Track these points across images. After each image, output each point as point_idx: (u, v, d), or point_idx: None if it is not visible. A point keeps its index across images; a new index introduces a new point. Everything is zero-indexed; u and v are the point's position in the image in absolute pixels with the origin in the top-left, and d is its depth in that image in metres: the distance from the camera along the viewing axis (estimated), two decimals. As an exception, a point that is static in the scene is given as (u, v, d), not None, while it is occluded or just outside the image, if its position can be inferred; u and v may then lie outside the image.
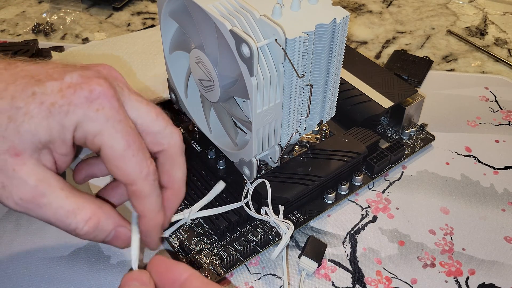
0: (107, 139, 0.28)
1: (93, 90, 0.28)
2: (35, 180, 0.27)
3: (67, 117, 0.27)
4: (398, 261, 0.40)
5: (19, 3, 0.70)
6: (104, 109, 0.28)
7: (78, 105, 0.27)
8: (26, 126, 0.27)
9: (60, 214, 0.28)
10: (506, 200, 0.44)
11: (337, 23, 0.35)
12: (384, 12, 0.69)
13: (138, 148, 0.29)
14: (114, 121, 0.28)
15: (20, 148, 0.27)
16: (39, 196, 0.27)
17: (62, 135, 0.28)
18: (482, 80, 0.57)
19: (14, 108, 0.26)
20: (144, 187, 0.30)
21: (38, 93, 0.27)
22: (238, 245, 0.39)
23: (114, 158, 0.29)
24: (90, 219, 0.29)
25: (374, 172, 0.45)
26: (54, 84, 0.27)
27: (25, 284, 0.38)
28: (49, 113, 0.27)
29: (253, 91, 0.34)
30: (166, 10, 0.39)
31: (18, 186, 0.27)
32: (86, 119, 0.27)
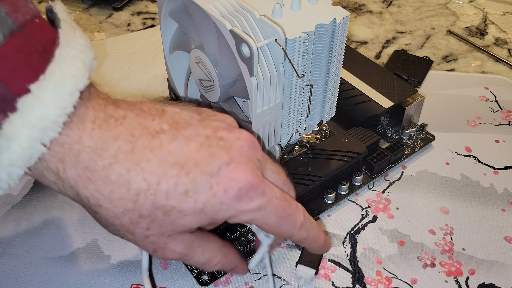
0: (260, 221, 0.30)
1: (241, 188, 0.28)
2: (182, 249, 0.31)
3: (219, 214, 0.29)
4: (398, 261, 0.40)
5: (19, 3, 0.70)
6: (253, 201, 0.29)
7: (229, 204, 0.29)
8: (180, 221, 0.29)
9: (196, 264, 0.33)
10: (506, 200, 0.44)
11: (337, 23, 0.35)
12: (384, 12, 0.69)
13: (288, 214, 0.31)
14: (263, 206, 0.30)
15: (173, 233, 0.30)
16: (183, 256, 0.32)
17: (213, 222, 0.30)
18: (482, 80, 0.57)
19: (169, 207, 0.28)
20: (301, 235, 0.33)
21: (191, 192, 0.28)
22: (238, 245, 0.39)
23: (270, 230, 0.32)
24: (216, 265, 0.34)
25: (374, 172, 0.45)
26: (205, 180, 0.28)
27: (25, 284, 0.38)
28: (202, 212, 0.28)
29: (253, 91, 0.34)
30: (166, 10, 0.40)
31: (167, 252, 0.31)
32: (239, 213, 0.29)
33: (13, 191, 0.44)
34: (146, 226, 0.29)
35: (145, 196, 0.27)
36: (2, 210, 0.42)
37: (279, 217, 0.31)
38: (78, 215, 0.42)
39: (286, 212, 0.31)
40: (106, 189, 0.27)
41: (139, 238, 0.30)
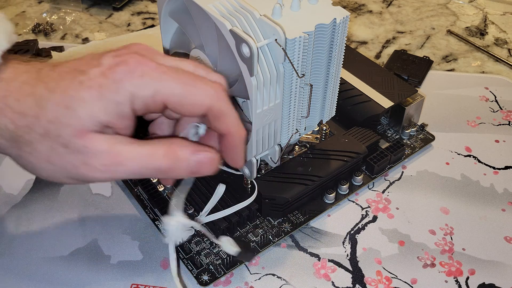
0: (164, 91, 0.30)
1: (129, 63, 0.30)
2: (107, 145, 0.30)
3: (118, 93, 0.29)
4: (398, 261, 0.40)
5: (19, 3, 0.70)
6: (146, 73, 0.30)
7: (123, 80, 0.29)
8: (83, 110, 0.29)
9: (140, 161, 0.30)
10: (506, 200, 0.44)
11: (337, 23, 0.35)
12: (384, 12, 0.69)
13: (194, 80, 0.31)
14: (160, 76, 0.30)
15: (84, 129, 0.29)
16: (117, 156, 0.30)
17: (120, 112, 0.30)
18: (482, 80, 0.57)
19: (68, 98, 0.29)
20: (220, 106, 0.32)
21: (84, 81, 0.29)
22: (238, 245, 0.39)
23: (182, 100, 0.31)
24: (166, 153, 0.31)
25: (374, 172, 0.45)
26: (95, 70, 0.30)
27: (25, 284, 0.38)
28: (100, 95, 0.29)
29: (253, 91, 0.34)
30: (166, 10, 0.40)
31: (96, 156, 0.29)
32: (137, 88, 0.30)
33: (13, 191, 0.44)
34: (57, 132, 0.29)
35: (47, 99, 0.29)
36: (2, 210, 0.42)
37: (183, 83, 0.31)
38: (78, 215, 0.42)
39: (190, 78, 0.31)
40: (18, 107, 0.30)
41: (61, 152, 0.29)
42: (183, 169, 0.32)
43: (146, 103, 0.30)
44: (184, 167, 0.31)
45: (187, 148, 0.32)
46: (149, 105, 0.30)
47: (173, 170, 0.31)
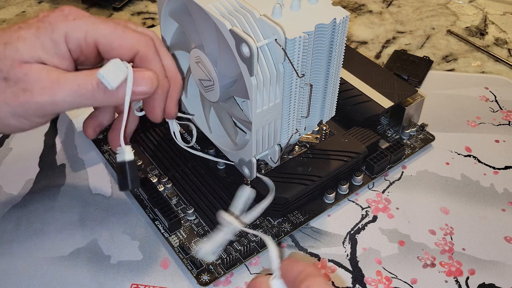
0: (95, 32, 0.33)
1: (63, 9, 0.33)
2: (46, 71, 0.31)
3: (54, 32, 0.32)
4: (398, 261, 0.40)
5: (19, 3, 0.70)
6: (79, 17, 0.33)
7: (58, 21, 0.32)
8: (22, 45, 0.31)
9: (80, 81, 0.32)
10: (506, 200, 0.44)
11: (337, 23, 0.35)
12: (384, 12, 0.69)
13: (124, 27, 0.33)
14: (91, 20, 0.33)
15: (23, 59, 0.31)
16: (57, 80, 0.31)
17: (57, 49, 0.32)
18: (482, 80, 0.57)
19: (7, 36, 0.31)
20: (147, 51, 0.34)
21: (23, 26, 0.32)
22: (238, 245, 0.39)
23: (111, 41, 0.33)
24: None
25: (374, 172, 0.45)
26: (33, 19, 0.33)
27: (25, 284, 0.38)
28: (37, 32, 0.31)
29: (253, 91, 0.34)
30: (166, 10, 0.40)
31: (36, 81, 0.31)
32: (70, 29, 0.32)
33: (13, 191, 0.44)
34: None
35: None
36: (2, 210, 0.42)
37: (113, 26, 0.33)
38: (78, 215, 0.42)
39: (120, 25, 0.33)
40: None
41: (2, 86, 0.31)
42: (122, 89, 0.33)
43: (79, 44, 0.32)
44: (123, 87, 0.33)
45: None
46: (82, 46, 0.33)
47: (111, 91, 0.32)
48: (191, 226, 0.41)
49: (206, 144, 0.45)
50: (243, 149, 0.39)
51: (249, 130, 0.37)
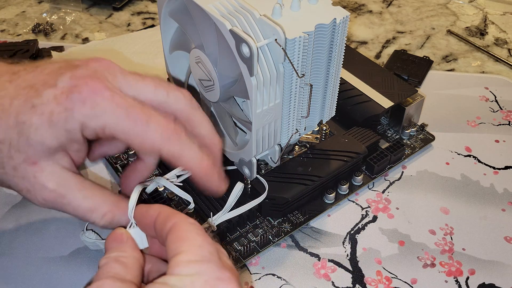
0: (114, 127, 0.30)
1: (82, 91, 0.29)
2: (54, 185, 0.30)
3: (68, 122, 0.29)
4: (398, 261, 0.40)
5: (19, 3, 0.70)
6: (98, 105, 0.29)
7: (74, 109, 0.29)
8: (34, 137, 0.29)
9: (79, 211, 0.31)
10: (506, 200, 0.44)
11: (337, 23, 0.35)
12: (384, 12, 0.69)
13: (146, 120, 0.30)
14: (111, 110, 0.29)
15: (35, 157, 0.29)
16: (60, 198, 0.30)
17: (70, 138, 0.30)
18: (482, 80, 0.57)
19: (20, 123, 0.29)
20: (173, 147, 0.31)
21: (37, 105, 0.29)
22: (238, 245, 0.39)
23: (130, 138, 0.30)
24: (105, 215, 0.32)
25: (374, 172, 0.45)
26: (49, 92, 0.29)
27: (25, 284, 0.38)
28: (50, 122, 0.29)
29: (253, 91, 0.34)
30: (166, 10, 0.40)
31: (40, 190, 0.30)
32: (87, 119, 0.29)
33: (13, 191, 0.44)
34: (8, 153, 0.29)
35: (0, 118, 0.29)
36: (2, 210, 0.42)
37: (134, 122, 0.29)
38: (78, 215, 0.42)
39: (142, 117, 0.30)
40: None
41: (9, 172, 0.30)
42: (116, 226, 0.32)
43: (96, 133, 0.30)
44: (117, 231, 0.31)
45: (125, 218, 0.32)
46: (100, 135, 0.30)
47: (106, 227, 0.32)
48: (191, 226, 0.41)
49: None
50: (243, 149, 0.39)
51: (249, 130, 0.37)
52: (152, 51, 0.54)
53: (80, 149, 0.31)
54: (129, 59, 0.52)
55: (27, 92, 0.29)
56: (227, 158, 0.42)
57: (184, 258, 0.26)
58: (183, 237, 0.27)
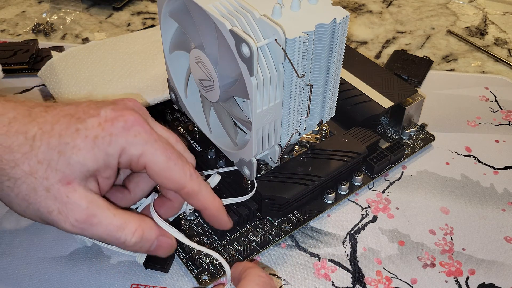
0: (150, 158, 0.32)
1: (127, 120, 0.32)
2: (86, 203, 0.31)
3: (110, 146, 0.31)
4: (398, 261, 0.40)
5: (19, 3, 0.70)
6: (140, 134, 0.32)
7: (118, 135, 0.31)
8: (75, 158, 0.30)
9: (110, 230, 0.31)
10: (506, 200, 0.44)
11: (337, 23, 0.35)
12: (384, 12, 0.69)
13: (176, 158, 0.33)
14: (151, 141, 0.32)
15: (71, 177, 0.30)
16: (91, 216, 0.31)
17: (107, 162, 0.31)
18: (482, 80, 0.57)
19: (63, 144, 0.30)
20: (193, 186, 0.34)
21: (81, 129, 0.31)
22: (238, 245, 0.39)
23: (161, 171, 0.32)
24: (136, 231, 0.32)
25: (374, 172, 0.45)
26: (93, 119, 0.31)
27: (25, 284, 0.38)
28: (94, 144, 0.31)
29: (253, 91, 0.34)
30: (166, 10, 0.40)
31: (72, 210, 0.30)
32: (128, 145, 0.31)
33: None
34: (44, 174, 0.30)
35: (40, 140, 0.30)
36: (2, 210, 0.42)
37: (168, 157, 0.32)
38: (78, 215, 0.42)
39: (174, 155, 0.33)
40: (5, 141, 0.30)
41: (41, 194, 0.30)
42: (145, 248, 0.33)
43: (131, 161, 0.32)
44: (146, 246, 0.33)
45: (153, 231, 0.33)
46: (132, 163, 0.32)
47: (135, 246, 0.33)
48: (191, 226, 0.41)
49: (206, 144, 0.45)
50: (243, 149, 0.39)
51: (249, 130, 0.37)
52: (152, 51, 0.54)
53: (110, 176, 0.33)
54: (129, 59, 0.52)
55: (68, 120, 0.31)
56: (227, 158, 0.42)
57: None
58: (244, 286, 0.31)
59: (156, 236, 0.33)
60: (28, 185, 0.30)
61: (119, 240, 0.32)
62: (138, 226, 0.32)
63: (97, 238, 0.32)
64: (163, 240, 0.34)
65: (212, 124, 0.43)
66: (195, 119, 0.44)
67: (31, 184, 0.30)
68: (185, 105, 0.44)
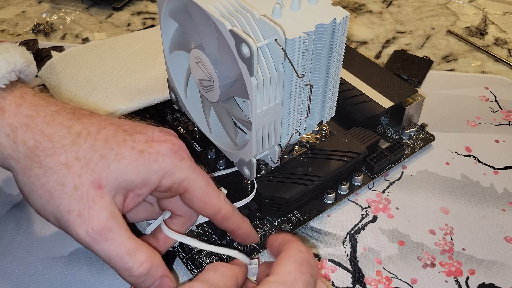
0: (193, 183, 0.33)
1: (175, 144, 0.32)
2: (108, 214, 0.30)
3: (156, 163, 0.31)
4: (398, 261, 0.40)
5: (19, 3, 0.70)
6: (185, 159, 0.33)
7: (166, 155, 0.31)
8: (116, 164, 0.30)
9: (121, 250, 0.30)
10: (506, 200, 0.44)
11: (337, 23, 0.35)
12: (384, 12, 0.69)
13: (213, 184, 0.34)
14: (194, 167, 0.33)
15: (104, 182, 0.30)
16: (108, 230, 0.30)
17: (148, 179, 0.31)
18: (482, 80, 0.57)
19: (108, 149, 0.30)
20: (228, 209, 0.35)
21: (129, 141, 0.31)
22: (238, 245, 0.39)
23: (202, 196, 0.33)
24: (145, 262, 0.31)
25: (374, 172, 0.45)
26: (141, 136, 0.32)
27: (25, 284, 0.38)
28: (139, 157, 0.31)
29: (253, 91, 0.34)
30: (166, 10, 0.40)
31: (93, 216, 0.29)
32: (175, 168, 0.32)
33: (13, 191, 0.44)
34: (79, 172, 0.29)
35: (85, 139, 0.30)
36: (2, 210, 0.42)
37: (207, 183, 0.33)
38: (78, 215, 0.42)
39: (210, 181, 0.34)
40: (47, 130, 0.30)
41: (68, 191, 0.29)
42: (146, 284, 0.31)
43: (173, 184, 0.32)
44: (148, 283, 0.31)
45: (161, 269, 0.32)
46: (173, 187, 0.32)
47: (139, 278, 0.31)
48: (191, 226, 0.41)
49: (206, 144, 0.45)
50: (243, 149, 0.39)
51: (249, 130, 0.37)
52: (152, 51, 0.54)
53: (142, 194, 0.32)
54: (129, 59, 0.52)
55: (115, 129, 0.31)
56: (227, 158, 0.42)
57: (271, 279, 0.28)
58: (282, 261, 0.29)
59: (162, 275, 0.32)
60: (58, 177, 0.29)
61: (126, 265, 0.30)
62: (148, 257, 0.31)
63: (104, 256, 0.30)
64: (166, 282, 0.32)
65: (212, 124, 0.43)
66: (195, 119, 0.44)
67: (62, 177, 0.29)
68: (185, 105, 0.44)
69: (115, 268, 0.31)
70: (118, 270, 0.31)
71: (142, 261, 0.30)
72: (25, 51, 0.36)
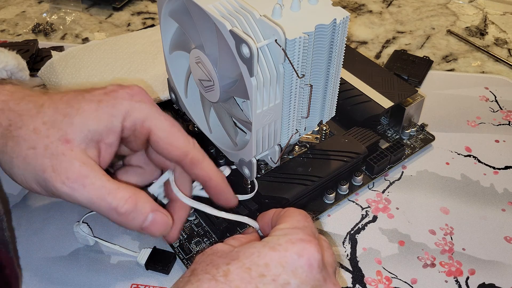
0: (155, 122, 0.33)
1: (132, 88, 0.33)
2: (80, 163, 0.30)
3: (115, 108, 0.32)
4: (398, 261, 0.40)
5: (19, 3, 0.70)
6: (144, 101, 0.33)
7: (123, 98, 0.32)
8: (78, 118, 0.31)
9: (101, 192, 0.30)
10: (506, 200, 0.44)
11: (337, 23, 0.35)
12: (384, 12, 0.69)
13: (179, 126, 0.34)
14: (155, 109, 0.33)
15: (70, 136, 0.31)
16: (83, 177, 0.30)
17: (111, 124, 0.32)
18: (482, 80, 0.57)
19: (69, 107, 0.32)
20: (197, 153, 0.34)
21: (87, 95, 0.32)
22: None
23: (165, 137, 0.33)
24: (129, 198, 0.31)
25: (374, 172, 0.45)
26: (100, 90, 0.33)
27: (25, 284, 0.38)
28: (98, 106, 0.32)
29: (253, 91, 0.34)
30: (166, 10, 0.40)
31: (66, 167, 0.30)
32: (133, 109, 0.32)
33: (13, 191, 0.44)
34: (46, 133, 0.31)
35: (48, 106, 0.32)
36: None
37: (172, 124, 0.33)
38: (78, 214, 0.42)
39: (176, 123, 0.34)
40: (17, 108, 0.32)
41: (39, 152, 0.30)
42: (137, 221, 0.31)
43: (135, 125, 0.32)
44: (138, 219, 0.31)
45: (148, 204, 0.31)
46: (137, 128, 0.33)
47: (127, 217, 0.31)
48: (191, 226, 0.41)
49: (206, 144, 0.45)
50: (243, 150, 0.39)
51: (249, 130, 0.37)
52: (152, 51, 0.54)
53: (112, 143, 0.32)
54: (129, 59, 0.52)
55: (77, 92, 0.33)
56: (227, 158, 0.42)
57: (281, 226, 0.30)
58: (287, 215, 0.31)
59: (151, 210, 0.31)
60: (29, 143, 0.30)
61: (110, 205, 0.30)
62: (132, 194, 0.31)
63: (88, 203, 0.30)
64: (159, 215, 0.32)
65: (212, 124, 0.43)
66: (195, 119, 0.44)
67: (32, 142, 0.31)
68: (185, 105, 0.44)
69: (101, 212, 0.31)
70: (105, 214, 0.31)
71: (126, 198, 0.30)
72: (19, 57, 0.39)
